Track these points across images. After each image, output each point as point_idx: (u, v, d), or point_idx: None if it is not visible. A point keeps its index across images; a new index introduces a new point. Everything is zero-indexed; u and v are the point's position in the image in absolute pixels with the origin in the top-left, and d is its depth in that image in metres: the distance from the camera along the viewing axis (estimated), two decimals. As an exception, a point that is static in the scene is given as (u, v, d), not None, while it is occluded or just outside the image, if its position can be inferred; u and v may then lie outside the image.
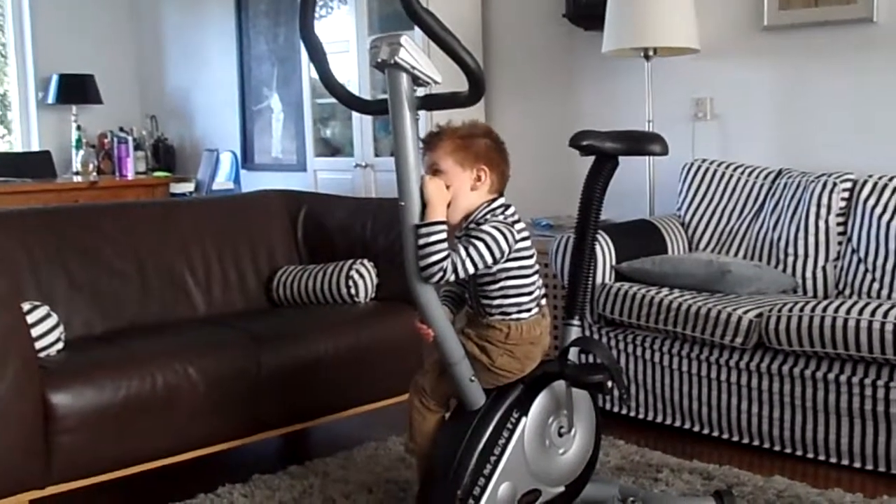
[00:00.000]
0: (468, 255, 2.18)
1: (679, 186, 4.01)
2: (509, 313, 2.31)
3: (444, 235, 2.16)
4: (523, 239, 2.30)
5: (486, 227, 2.23)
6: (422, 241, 2.15)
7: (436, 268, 2.14)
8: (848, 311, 2.90)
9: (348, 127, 5.24)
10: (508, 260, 2.26)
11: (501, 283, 2.29)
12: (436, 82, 2.18)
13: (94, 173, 6.43)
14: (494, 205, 2.31)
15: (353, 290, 3.40)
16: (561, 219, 4.32)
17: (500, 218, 2.27)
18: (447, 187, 2.24)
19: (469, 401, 2.32)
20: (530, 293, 2.33)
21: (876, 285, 3.34)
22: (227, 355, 2.88)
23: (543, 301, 2.39)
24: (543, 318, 2.38)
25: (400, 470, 2.96)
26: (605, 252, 3.57)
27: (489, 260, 2.21)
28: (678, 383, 3.34)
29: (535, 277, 2.34)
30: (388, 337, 3.22)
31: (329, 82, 2.44)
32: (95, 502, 2.80)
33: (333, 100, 2.52)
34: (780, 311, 3.04)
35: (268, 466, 3.03)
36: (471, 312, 2.40)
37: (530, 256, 2.32)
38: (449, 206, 2.24)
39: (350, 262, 3.46)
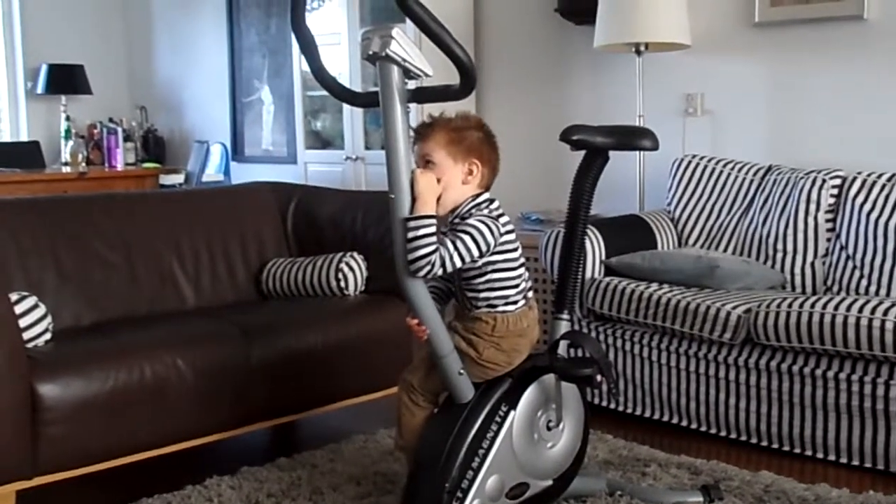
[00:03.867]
0: (455, 248, 2.19)
1: (669, 182, 4.01)
2: (496, 305, 2.31)
3: (433, 229, 2.16)
4: (508, 232, 2.30)
5: (471, 221, 2.23)
6: (410, 235, 2.15)
7: (424, 261, 2.14)
8: (836, 308, 2.91)
9: (339, 120, 5.23)
10: (494, 253, 2.27)
11: (487, 276, 2.29)
12: (427, 75, 2.18)
13: (84, 164, 6.41)
14: (480, 199, 2.31)
15: (342, 283, 3.39)
16: (551, 213, 4.32)
17: (485, 212, 2.28)
18: (437, 180, 2.24)
19: (458, 394, 2.32)
20: (516, 286, 2.33)
21: (864, 282, 3.35)
22: (216, 347, 2.87)
23: (531, 293, 2.40)
24: (531, 310, 2.38)
25: (388, 462, 2.96)
26: (594, 247, 3.57)
27: (475, 253, 2.21)
28: (666, 378, 3.35)
29: (521, 270, 2.35)
30: (377, 330, 3.22)
31: (320, 74, 2.44)
32: (83, 493, 2.79)
33: (324, 92, 2.51)
34: (768, 306, 3.05)
35: (256, 458, 3.03)
36: (457, 306, 2.40)
37: (515, 249, 2.33)
38: (438, 199, 2.24)
39: (340, 254, 3.45)
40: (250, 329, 2.98)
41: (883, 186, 3.41)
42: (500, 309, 2.32)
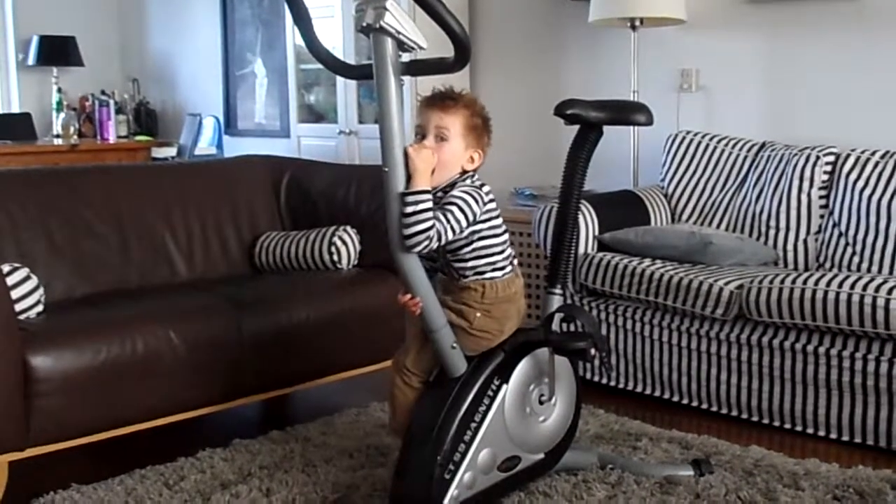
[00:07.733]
0: (447, 221, 2.20)
1: (663, 158, 4.01)
2: (483, 272, 2.33)
3: (430, 204, 2.16)
4: (491, 200, 2.32)
5: (456, 193, 2.25)
6: (409, 210, 2.14)
7: (422, 236, 2.15)
8: (828, 284, 2.92)
9: (332, 93, 5.21)
10: (479, 222, 2.28)
11: (474, 245, 2.31)
12: (421, 48, 2.17)
13: (75, 136, 6.37)
14: (464, 175, 2.33)
15: (335, 257, 3.39)
16: (544, 188, 4.31)
17: (468, 182, 2.29)
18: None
19: (451, 368, 2.32)
20: (502, 251, 2.36)
21: (856, 259, 3.36)
22: (209, 320, 2.87)
23: (515, 261, 2.42)
24: (517, 277, 2.40)
25: (381, 435, 2.97)
26: (588, 222, 3.57)
27: (465, 224, 2.23)
28: (658, 353, 3.36)
29: (506, 236, 2.38)
30: (369, 304, 3.22)
31: (314, 47, 2.42)
32: (75, 465, 2.79)
33: (318, 65, 2.50)
34: (760, 282, 3.06)
35: (248, 431, 3.03)
36: (445, 280, 2.40)
37: (498, 216, 2.35)
38: (432, 173, 2.23)
39: (333, 228, 3.45)
40: (243, 302, 2.98)
41: (876, 164, 3.41)
42: (489, 275, 2.33)
